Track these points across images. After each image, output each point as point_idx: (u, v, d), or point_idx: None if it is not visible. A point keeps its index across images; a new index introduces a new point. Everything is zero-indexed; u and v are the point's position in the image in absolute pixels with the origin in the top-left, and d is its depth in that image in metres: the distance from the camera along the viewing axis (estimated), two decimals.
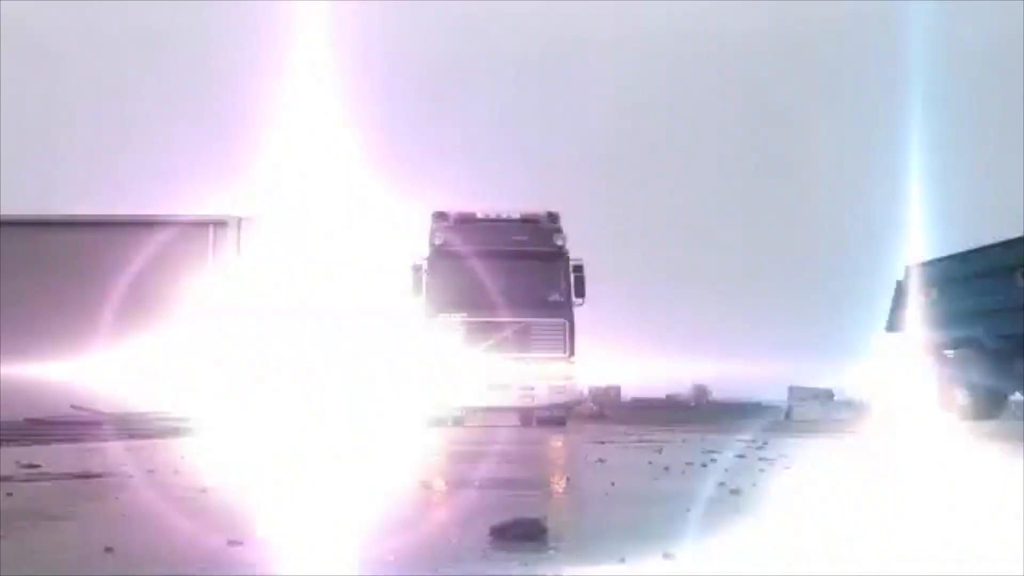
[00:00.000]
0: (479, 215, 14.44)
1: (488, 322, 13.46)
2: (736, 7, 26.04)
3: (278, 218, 25.44)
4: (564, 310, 13.80)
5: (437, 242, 13.90)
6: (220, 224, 23.22)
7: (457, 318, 13.51)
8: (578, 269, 14.02)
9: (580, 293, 14.03)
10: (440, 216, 14.22)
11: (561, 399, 13.57)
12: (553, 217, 14.37)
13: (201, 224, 23.14)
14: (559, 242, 14.10)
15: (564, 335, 13.64)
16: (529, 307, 13.66)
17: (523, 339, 13.59)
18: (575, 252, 14.47)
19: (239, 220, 23.75)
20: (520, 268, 14.12)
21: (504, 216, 14.49)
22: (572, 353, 13.81)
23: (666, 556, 1.47)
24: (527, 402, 13.50)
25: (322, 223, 17.65)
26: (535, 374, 13.48)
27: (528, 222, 14.35)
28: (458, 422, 13.68)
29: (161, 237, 23.05)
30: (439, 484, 3.02)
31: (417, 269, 14.07)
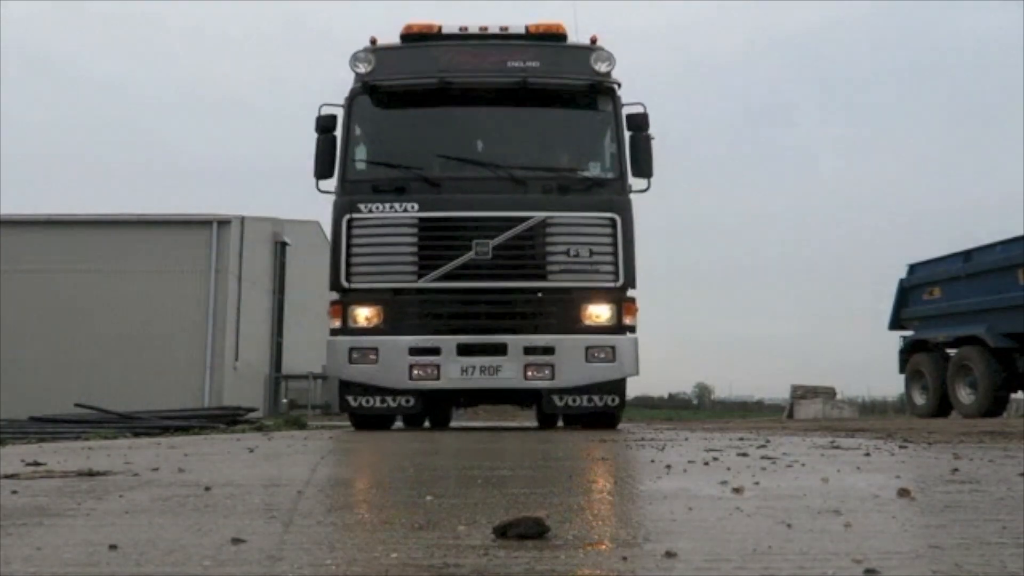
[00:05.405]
0: (446, 30, 7.98)
1: (460, 219, 7.40)
2: None
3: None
4: (614, 195, 7.51)
5: (361, 70, 7.69)
6: (223, 223, 23.31)
7: (399, 211, 7.39)
8: (638, 122, 7.64)
9: (644, 168, 7.56)
10: (373, 42, 7.94)
11: (611, 373, 7.23)
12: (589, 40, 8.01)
13: (203, 223, 23.24)
14: (603, 67, 7.63)
15: (613, 243, 7.33)
16: (542, 189, 7.48)
17: (531, 253, 7.44)
18: None
19: (242, 219, 23.91)
20: (527, 118, 7.94)
21: (497, 31, 7.99)
22: (629, 281, 7.37)
23: (668, 555, 1.48)
24: (541, 380, 7.22)
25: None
26: (556, 323, 7.33)
27: (544, 38, 7.89)
28: (444, 421, 9.76)
29: (162, 236, 23.21)
30: (438, 482, 3.03)
31: (326, 124, 7.73)
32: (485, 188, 7.52)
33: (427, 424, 9.71)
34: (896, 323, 16.19)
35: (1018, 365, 13.23)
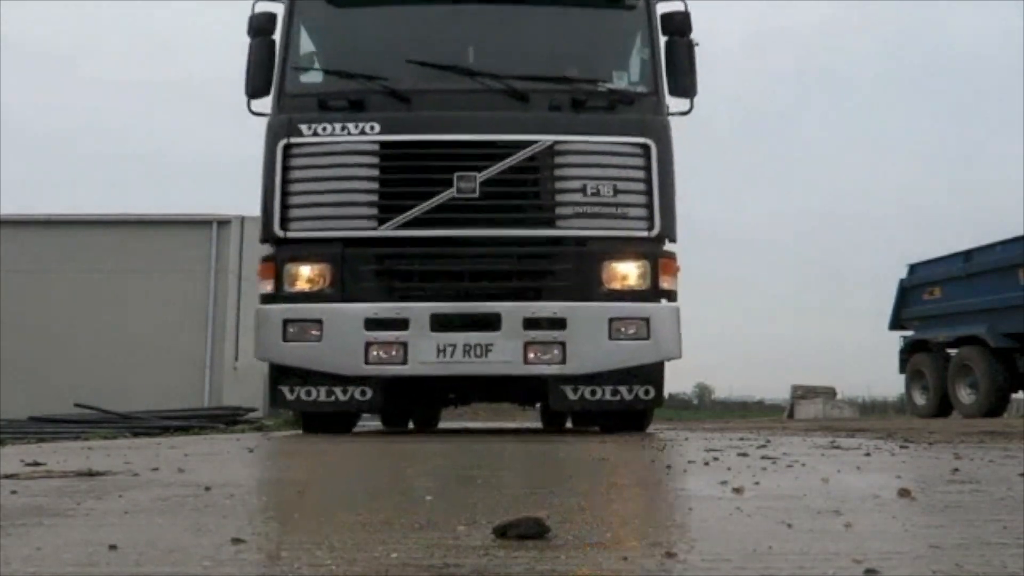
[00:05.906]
0: None
1: (437, 144, 5.71)
2: None
3: None
4: (646, 114, 5.81)
5: None
6: (223, 223, 23.34)
7: (354, 134, 5.67)
8: (677, 23, 5.90)
9: (685, 84, 5.88)
10: None
11: (644, 355, 5.60)
12: None
13: (203, 223, 23.27)
14: None
15: (646, 178, 5.66)
16: (550, 105, 5.81)
17: (535, 190, 5.88)
18: None
19: (242, 219, 23.91)
20: (529, 14, 6.15)
21: None
22: (667, 231, 5.79)
23: (668, 555, 1.47)
24: (547, 364, 5.55)
25: None
26: (568, 287, 5.68)
27: None
28: (430, 421, 8.94)
29: (162, 236, 23.24)
30: (438, 482, 3.03)
31: (262, 25, 5.93)
32: (472, 104, 5.78)
33: (411, 426, 8.60)
34: (896, 323, 16.20)
35: (1019, 365, 13.24)
